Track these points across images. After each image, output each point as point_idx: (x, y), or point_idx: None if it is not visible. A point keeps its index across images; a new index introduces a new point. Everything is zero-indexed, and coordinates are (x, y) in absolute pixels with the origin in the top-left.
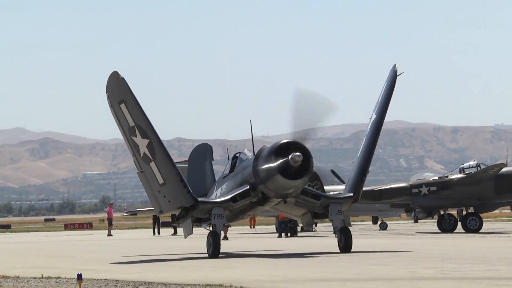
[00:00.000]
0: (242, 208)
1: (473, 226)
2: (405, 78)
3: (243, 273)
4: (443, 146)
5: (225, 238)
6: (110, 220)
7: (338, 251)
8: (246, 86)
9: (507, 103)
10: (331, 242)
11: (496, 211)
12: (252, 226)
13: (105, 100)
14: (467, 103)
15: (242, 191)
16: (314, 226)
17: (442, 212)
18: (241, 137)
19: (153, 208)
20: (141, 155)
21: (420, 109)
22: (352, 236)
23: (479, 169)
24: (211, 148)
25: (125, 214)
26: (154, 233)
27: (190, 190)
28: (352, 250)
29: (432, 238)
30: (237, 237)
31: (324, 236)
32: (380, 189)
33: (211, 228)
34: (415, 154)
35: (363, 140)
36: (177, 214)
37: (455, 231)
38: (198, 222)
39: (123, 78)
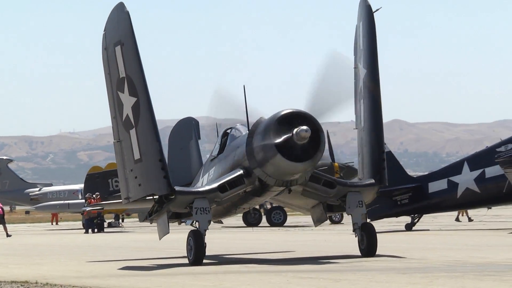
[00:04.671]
0: (234, 200)
1: (277, 220)
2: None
3: (49, 269)
4: None
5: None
6: None
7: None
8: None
9: None
10: (139, 238)
11: None
12: (55, 223)
13: None
14: (297, 95)
15: (232, 178)
16: (120, 221)
17: None
18: (49, 133)
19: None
20: (123, 118)
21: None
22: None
23: None
24: (197, 123)
25: (88, 209)
26: None
27: (168, 175)
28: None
29: (238, 232)
30: (39, 234)
31: (130, 232)
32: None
33: (197, 226)
34: None
35: (360, 106)
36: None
37: (260, 225)
38: (177, 218)
39: (127, 12)
